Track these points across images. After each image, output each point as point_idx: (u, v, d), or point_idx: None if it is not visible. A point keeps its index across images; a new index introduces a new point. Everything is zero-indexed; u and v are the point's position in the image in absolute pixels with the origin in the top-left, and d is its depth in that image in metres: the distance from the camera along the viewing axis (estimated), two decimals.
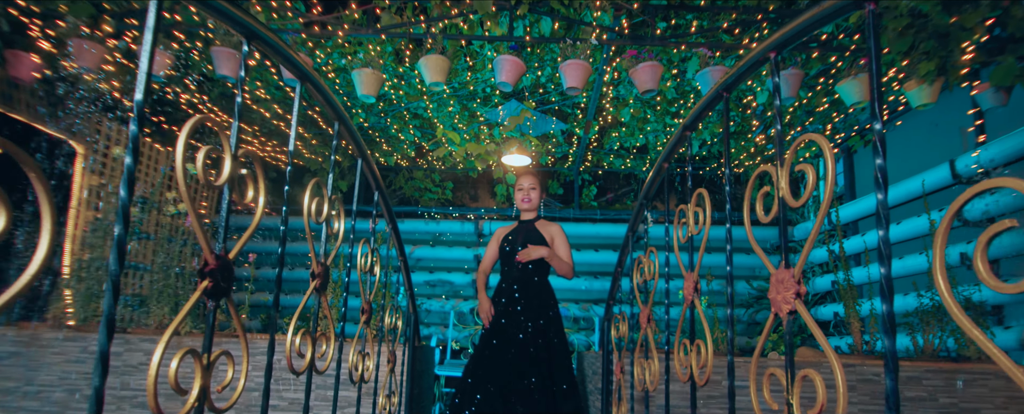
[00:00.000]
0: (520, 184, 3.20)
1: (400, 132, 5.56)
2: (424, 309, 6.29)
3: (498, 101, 4.80)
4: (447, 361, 5.83)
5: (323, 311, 1.51)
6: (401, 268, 2.50)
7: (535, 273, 3.03)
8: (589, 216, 6.69)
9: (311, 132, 5.79)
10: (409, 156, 6.49)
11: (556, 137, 5.78)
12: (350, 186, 6.79)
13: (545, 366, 2.76)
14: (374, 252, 1.92)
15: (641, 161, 6.38)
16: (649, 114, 4.91)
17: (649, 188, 2.05)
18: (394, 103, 4.96)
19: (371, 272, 1.97)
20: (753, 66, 1.28)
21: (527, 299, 2.93)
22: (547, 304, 2.96)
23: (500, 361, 2.76)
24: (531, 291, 2.98)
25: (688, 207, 1.64)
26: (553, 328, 2.89)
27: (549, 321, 2.92)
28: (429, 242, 6.71)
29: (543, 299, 2.97)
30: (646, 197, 2.09)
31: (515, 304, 2.93)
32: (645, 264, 1.94)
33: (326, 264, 1.69)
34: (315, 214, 1.52)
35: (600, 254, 6.36)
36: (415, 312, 2.75)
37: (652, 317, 1.90)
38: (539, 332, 2.85)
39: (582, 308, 6.19)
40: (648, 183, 2.04)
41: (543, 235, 3.11)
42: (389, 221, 2.17)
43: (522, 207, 3.18)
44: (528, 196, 3.15)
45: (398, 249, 2.33)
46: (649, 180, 2.04)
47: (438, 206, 6.89)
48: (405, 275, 2.58)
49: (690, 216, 1.65)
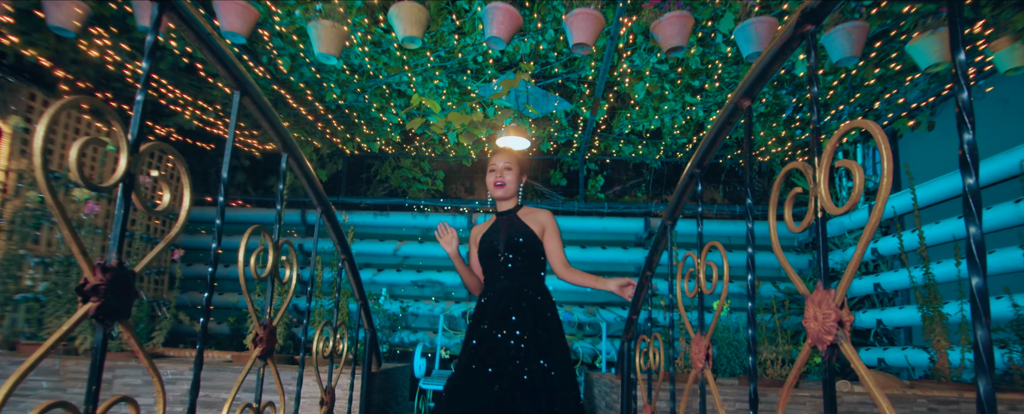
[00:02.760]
0: (493, 164, 2.51)
1: (382, 112, 4.88)
2: (410, 312, 5.62)
3: (492, 75, 4.12)
4: (435, 372, 5.16)
5: None
6: (347, 271, 1.83)
7: (526, 277, 2.37)
8: (596, 209, 6.00)
9: (284, 113, 5.12)
10: (394, 141, 5.81)
11: (558, 119, 5.09)
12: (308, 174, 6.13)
13: (544, 399, 2.09)
14: (280, 250, 1.25)
15: (654, 148, 5.70)
16: (668, 89, 4.22)
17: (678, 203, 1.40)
18: (371, 75, 4.28)
19: (283, 281, 1.30)
20: None
21: (519, 314, 2.24)
22: (543, 318, 2.27)
23: (484, 393, 2.08)
24: (523, 303, 2.28)
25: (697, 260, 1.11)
26: (553, 348, 2.21)
27: (547, 341, 2.23)
28: (417, 238, 6.04)
29: (538, 312, 2.29)
30: (672, 217, 1.45)
31: (502, 321, 2.24)
32: None
33: (274, 324, 1.09)
34: (255, 268, 1.15)
35: (608, 252, 5.68)
36: (372, 329, 2.08)
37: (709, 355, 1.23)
38: (535, 355, 2.17)
39: (588, 312, 5.52)
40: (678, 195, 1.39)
41: (529, 226, 2.43)
42: (318, 204, 1.50)
43: (495, 194, 2.49)
44: (501, 178, 2.46)
45: (336, 240, 1.66)
46: (679, 190, 1.39)
47: (428, 198, 6.21)
48: (352, 277, 1.90)
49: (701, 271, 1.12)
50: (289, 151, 1.29)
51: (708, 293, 1.26)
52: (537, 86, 4.25)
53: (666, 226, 1.48)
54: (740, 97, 1.11)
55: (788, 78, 4.26)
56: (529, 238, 2.39)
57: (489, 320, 2.27)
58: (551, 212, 2.47)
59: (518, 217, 2.48)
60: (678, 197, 1.42)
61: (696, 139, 5.27)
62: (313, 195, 1.45)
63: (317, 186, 1.43)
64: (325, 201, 1.51)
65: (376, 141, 5.60)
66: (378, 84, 4.36)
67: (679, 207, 1.46)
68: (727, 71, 4.01)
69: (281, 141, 1.27)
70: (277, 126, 1.23)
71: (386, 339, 5.40)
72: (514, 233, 2.42)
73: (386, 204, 6.17)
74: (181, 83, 4.64)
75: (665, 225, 1.48)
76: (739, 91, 1.11)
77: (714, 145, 1.29)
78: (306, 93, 4.65)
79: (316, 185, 1.43)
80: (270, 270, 1.24)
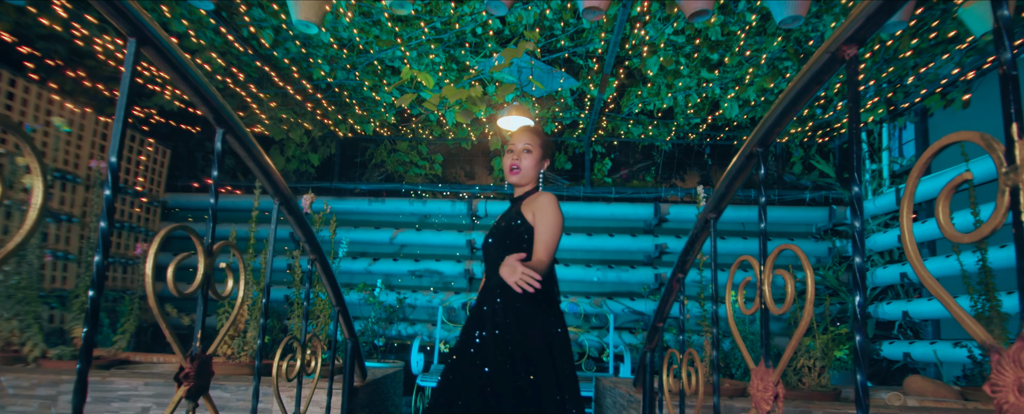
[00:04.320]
0: (511, 144, 2.22)
1: (375, 92, 4.55)
2: (408, 303, 5.34)
3: (493, 48, 3.78)
4: (434, 366, 4.90)
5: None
6: (320, 273, 1.52)
7: None
8: (602, 194, 5.69)
9: (269, 92, 4.79)
10: (389, 123, 5.48)
11: (564, 98, 4.76)
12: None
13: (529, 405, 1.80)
14: (215, 255, 0.95)
15: (665, 129, 5.36)
16: (683, 63, 3.88)
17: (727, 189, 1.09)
18: (362, 50, 3.95)
19: (221, 295, 1.00)
20: None
21: (514, 315, 1.94)
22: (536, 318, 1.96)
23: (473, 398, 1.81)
24: (516, 301, 1.97)
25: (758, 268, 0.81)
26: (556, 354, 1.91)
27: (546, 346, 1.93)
28: (415, 225, 5.74)
29: (528, 312, 1.96)
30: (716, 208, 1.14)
31: (496, 319, 1.94)
32: None
33: (210, 353, 0.81)
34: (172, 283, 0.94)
35: (616, 239, 5.38)
36: (353, 337, 1.78)
37: None
38: (530, 359, 1.87)
39: (594, 303, 5.23)
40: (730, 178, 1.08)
41: (523, 212, 2.11)
42: (276, 195, 1.19)
43: (510, 179, 2.19)
44: (517, 161, 2.16)
45: (303, 237, 1.34)
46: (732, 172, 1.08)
47: (426, 183, 5.90)
48: (326, 279, 1.58)
49: (765, 283, 0.83)
50: (225, 126, 0.98)
51: (778, 312, 0.95)
52: (541, 61, 3.91)
53: (709, 219, 1.18)
54: (843, 43, 0.79)
55: (804, 52, 3.91)
56: (515, 225, 2.08)
57: (485, 309, 1.99)
58: (554, 196, 2.10)
59: (520, 205, 2.18)
60: (730, 181, 1.12)
61: (711, 117, 4.94)
62: (265, 181, 1.14)
63: (268, 168, 1.12)
64: (281, 188, 1.20)
65: (370, 123, 5.27)
66: (369, 60, 4.02)
67: (728, 195, 1.16)
68: (750, 42, 3.67)
69: (212, 111, 0.96)
70: (197, 85, 0.92)
71: (382, 332, 5.13)
72: (506, 220, 2.13)
73: (382, 190, 5.86)
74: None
75: (708, 218, 1.18)
76: (841, 35, 0.79)
77: (793, 110, 0.97)
78: (292, 70, 4.32)
79: (267, 167, 1.12)
80: (198, 284, 0.94)
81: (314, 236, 1.38)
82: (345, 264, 5.36)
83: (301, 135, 5.35)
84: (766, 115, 1.05)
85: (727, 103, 4.36)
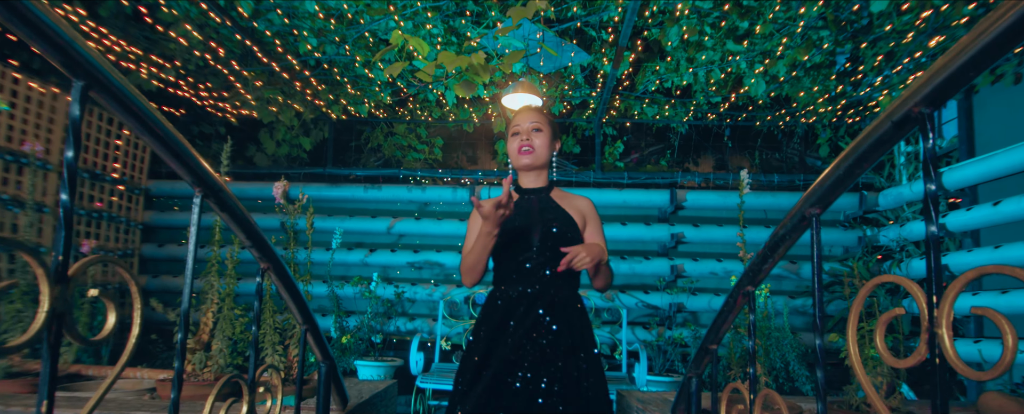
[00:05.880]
0: (516, 125, 1.86)
1: (369, 69, 4.17)
2: (406, 298, 5.01)
3: (497, 18, 3.40)
4: (435, 365, 4.57)
5: None
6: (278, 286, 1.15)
7: (563, 283, 1.74)
8: (614, 180, 5.32)
9: (255, 71, 4.42)
10: (385, 104, 5.10)
11: (574, 75, 4.38)
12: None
13: None
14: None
15: (682, 109, 4.98)
16: (708, 33, 3.49)
17: (850, 172, 0.75)
18: (351, 21, 3.56)
19: None
20: None
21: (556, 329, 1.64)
22: (582, 336, 1.67)
23: None
24: (557, 311, 1.68)
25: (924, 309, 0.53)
26: (591, 379, 1.60)
27: (586, 367, 1.64)
28: (414, 214, 5.39)
29: (576, 327, 1.68)
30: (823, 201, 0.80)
31: (530, 335, 1.63)
32: None
33: None
34: None
35: (629, 228, 5.02)
36: (328, 360, 1.40)
37: None
38: (569, 384, 1.57)
39: (606, 297, 4.89)
40: (858, 158, 0.73)
41: (569, 213, 1.81)
42: (197, 184, 0.84)
43: (521, 163, 1.83)
44: (529, 142, 1.81)
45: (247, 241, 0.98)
46: (863, 151, 0.73)
47: (425, 168, 5.53)
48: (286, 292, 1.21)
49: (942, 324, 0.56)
50: (85, 77, 0.62)
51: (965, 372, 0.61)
52: (551, 32, 3.53)
53: (811, 217, 0.82)
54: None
55: (846, 20, 3.50)
56: (567, 229, 1.76)
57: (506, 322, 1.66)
58: (591, 201, 1.87)
59: (553, 199, 1.85)
60: (855, 163, 0.76)
61: (734, 95, 4.54)
62: (170, 159, 0.78)
63: (168, 135, 0.76)
64: (202, 174, 0.84)
65: (364, 103, 4.90)
66: (360, 32, 3.64)
67: (846, 182, 0.80)
68: (784, 7, 3.27)
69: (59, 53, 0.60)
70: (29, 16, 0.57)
71: (380, 328, 4.80)
72: (550, 219, 1.77)
73: (378, 176, 5.50)
74: (130, 34, 3.94)
75: (810, 215, 0.82)
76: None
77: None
78: (276, 44, 3.94)
79: (163, 133, 0.76)
80: (42, 324, 0.58)
81: (262, 237, 1.02)
82: (339, 255, 5.02)
83: (291, 117, 4.98)
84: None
85: (754, 79, 3.96)
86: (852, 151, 0.77)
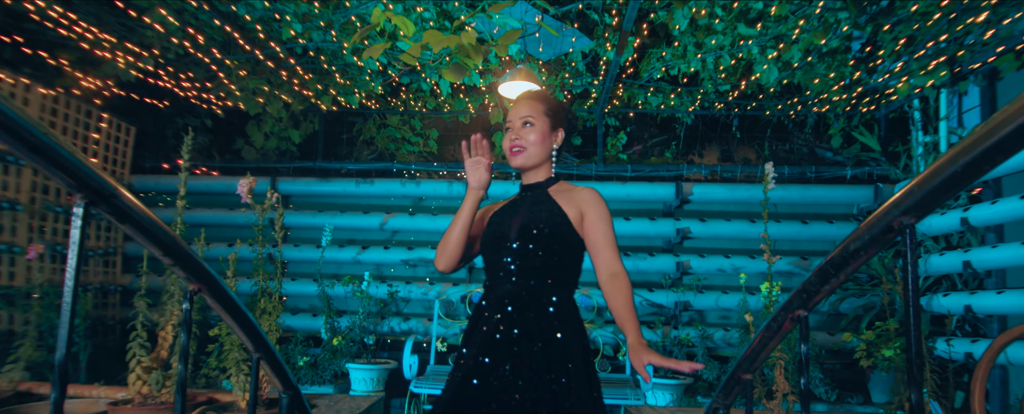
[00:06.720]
0: (509, 120, 1.72)
1: (358, 57, 3.94)
2: (400, 297, 4.80)
3: (492, 1, 3.16)
4: (430, 368, 4.37)
5: None
6: (219, 309, 0.93)
7: (542, 284, 1.60)
8: (617, 173, 5.09)
9: (239, 59, 4.18)
10: (377, 94, 4.87)
11: (574, 62, 4.14)
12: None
13: None
14: None
15: (689, 98, 4.74)
16: (719, 15, 3.26)
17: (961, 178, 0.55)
18: (337, 4, 3.33)
19: None
20: None
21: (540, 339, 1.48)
22: (563, 338, 1.53)
23: None
24: (543, 321, 1.54)
25: None
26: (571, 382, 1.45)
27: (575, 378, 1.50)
28: (408, 209, 5.17)
29: (557, 328, 1.54)
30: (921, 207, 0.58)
31: (511, 347, 1.47)
32: None
33: None
34: None
35: (633, 223, 4.80)
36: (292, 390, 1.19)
37: None
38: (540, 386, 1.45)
39: None
40: None
41: (562, 208, 1.64)
42: (76, 188, 0.62)
43: (513, 163, 1.69)
44: (519, 139, 1.67)
45: (159, 252, 0.77)
46: None
47: (419, 161, 5.31)
48: (229, 316, 0.98)
49: None
50: None
51: None
52: (550, 15, 3.29)
53: (907, 228, 0.61)
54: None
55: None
56: (556, 226, 1.61)
57: (492, 332, 1.52)
58: (597, 192, 1.67)
59: (548, 194, 1.69)
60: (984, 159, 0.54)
61: (743, 83, 4.31)
62: (30, 156, 0.57)
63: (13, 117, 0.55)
64: (84, 175, 0.62)
65: (355, 94, 4.67)
66: (347, 15, 3.41)
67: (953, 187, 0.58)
68: None
69: None
70: None
71: (373, 328, 4.59)
72: (536, 216, 1.62)
73: (371, 170, 5.27)
74: (104, 21, 3.71)
75: (905, 225, 0.61)
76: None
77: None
78: (258, 30, 3.71)
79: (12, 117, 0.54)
80: None
81: (186, 251, 0.80)
82: (330, 253, 4.81)
83: (279, 109, 4.75)
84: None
85: (765, 66, 3.73)
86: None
